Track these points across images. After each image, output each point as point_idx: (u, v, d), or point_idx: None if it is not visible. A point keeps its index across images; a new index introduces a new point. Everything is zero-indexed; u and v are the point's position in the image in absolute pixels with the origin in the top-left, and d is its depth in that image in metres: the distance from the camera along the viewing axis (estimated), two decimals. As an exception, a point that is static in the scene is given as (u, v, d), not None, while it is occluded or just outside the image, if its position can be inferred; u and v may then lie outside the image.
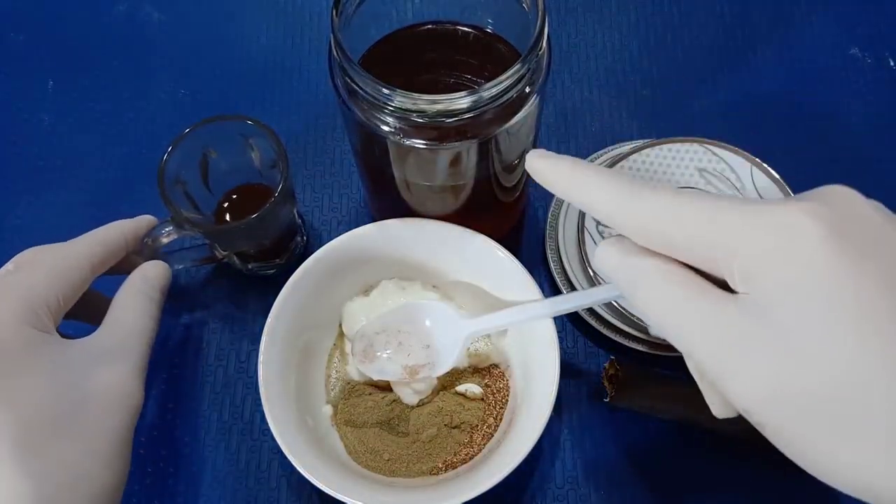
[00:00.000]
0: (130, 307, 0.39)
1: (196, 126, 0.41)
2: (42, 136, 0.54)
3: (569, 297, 0.39)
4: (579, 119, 0.54)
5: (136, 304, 0.39)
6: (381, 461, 0.41)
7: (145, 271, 0.41)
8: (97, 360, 0.35)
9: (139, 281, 0.40)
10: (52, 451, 0.32)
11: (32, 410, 0.32)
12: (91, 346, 0.36)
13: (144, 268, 0.41)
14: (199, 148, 0.43)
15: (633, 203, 0.26)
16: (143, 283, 0.40)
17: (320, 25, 0.58)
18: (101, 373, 0.35)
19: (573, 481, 0.43)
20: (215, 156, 0.44)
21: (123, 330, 0.38)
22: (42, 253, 0.38)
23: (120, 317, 0.38)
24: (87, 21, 0.58)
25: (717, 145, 0.47)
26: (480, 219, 0.42)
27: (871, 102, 0.54)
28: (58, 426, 0.32)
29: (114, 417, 0.35)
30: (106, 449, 0.34)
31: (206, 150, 0.43)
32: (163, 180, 0.41)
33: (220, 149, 0.43)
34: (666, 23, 0.57)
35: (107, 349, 0.36)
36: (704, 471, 0.44)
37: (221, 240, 0.45)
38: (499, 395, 0.43)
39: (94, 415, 0.34)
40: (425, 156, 0.35)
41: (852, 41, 0.56)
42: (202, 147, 0.43)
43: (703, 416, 0.43)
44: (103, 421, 0.34)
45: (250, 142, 0.43)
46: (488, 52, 0.39)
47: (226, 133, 0.43)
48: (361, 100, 0.33)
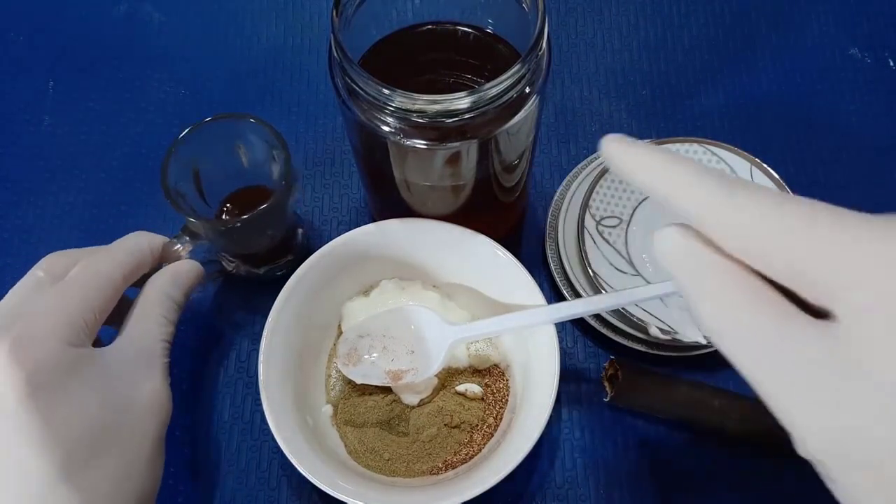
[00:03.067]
0: (154, 312, 0.38)
1: (183, 137, 0.40)
2: (43, 137, 0.54)
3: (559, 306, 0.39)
4: (579, 119, 0.54)
5: (161, 308, 0.38)
6: (381, 461, 0.41)
7: (175, 271, 0.40)
8: (131, 369, 0.36)
9: (167, 282, 0.39)
10: (97, 463, 0.32)
11: (77, 428, 0.32)
12: (122, 354, 0.36)
13: (174, 267, 0.40)
14: (188, 161, 0.41)
15: (729, 207, 0.22)
16: (171, 284, 0.39)
17: (320, 25, 0.58)
18: (136, 381, 0.35)
19: (572, 481, 0.43)
20: (204, 166, 0.43)
21: (150, 336, 0.37)
22: (69, 258, 0.37)
23: (145, 321, 0.37)
24: (88, 22, 0.58)
25: (717, 145, 0.47)
26: (480, 219, 0.42)
27: (871, 102, 0.54)
28: (101, 439, 0.33)
29: (150, 424, 0.35)
30: (146, 455, 0.35)
31: (193, 164, 0.42)
32: (169, 193, 0.40)
33: (205, 158, 0.42)
34: (665, 23, 0.57)
35: (137, 355, 0.36)
36: (704, 470, 0.44)
37: (234, 241, 0.43)
38: (499, 394, 0.43)
39: (133, 423, 0.34)
40: (425, 156, 0.35)
41: (852, 41, 0.56)
42: (190, 160, 0.42)
43: (702, 416, 0.43)
44: (141, 428, 0.35)
45: (235, 143, 0.43)
46: (488, 53, 0.39)
47: (209, 140, 0.41)
48: (362, 100, 0.33)
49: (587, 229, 0.45)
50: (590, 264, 0.44)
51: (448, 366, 0.43)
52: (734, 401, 0.43)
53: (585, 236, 0.45)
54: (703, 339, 0.42)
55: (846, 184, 0.51)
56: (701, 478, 0.43)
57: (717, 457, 0.44)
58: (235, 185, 0.45)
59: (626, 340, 0.45)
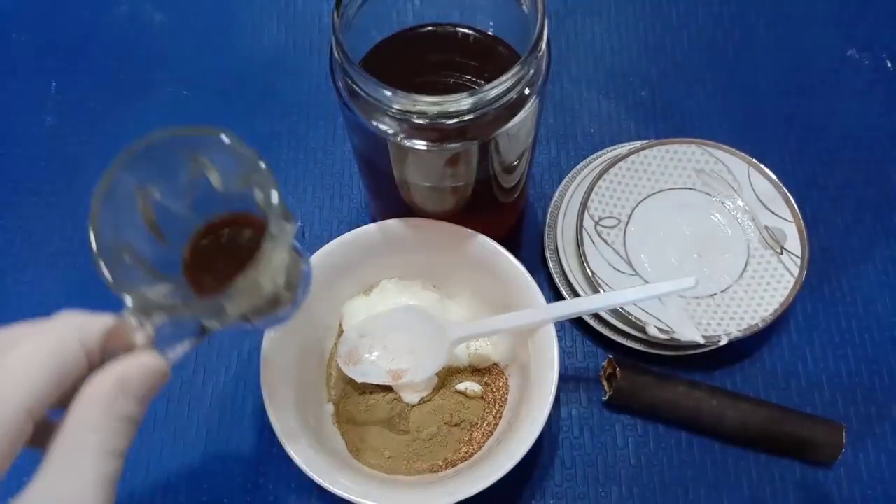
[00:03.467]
0: (89, 443, 0.24)
1: (116, 164, 0.27)
2: (45, 138, 0.54)
3: (558, 305, 0.40)
4: (578, 120, 0.54)
5: (100, 435, 0.24)
6: (382, 459, 0.41)
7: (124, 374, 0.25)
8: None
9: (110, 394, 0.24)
10: None
11: None
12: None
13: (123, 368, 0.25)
14: (130, 191, 0.28)
15: None
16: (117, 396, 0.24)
17: (321, 27, 0.58)
18: None
19: (571, 479, 0.44)
20: (158, 195, 0.29)
21: (83, 480, 0.23)
22: None
23: (74, 457, 0.24)
24: (90, 22, 0.58)
25: (715, 146, 0.48)
26: (480, 219, 0.42)
27: (869, 104, 0.54)
28: None
29: None
30: None
31: (142, 192, 0.28)
32: (98, 258, 0.26)
33: (160, 183, 0.29)
34: (664, 25, 0.57)
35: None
36: (702, 469, 0.44)
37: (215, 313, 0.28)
38: (498, 393, 0.43)
39: None
40: (425, 157, 0.35)
41: (849, 43, 0.56)
42: (136, 188, 0.28)
43: (700, 415, 0.43)
44: None
45: (201, 159, 0.29)
46: (488, 54, 0.39)
47: (161, 159, 0.28)
48: (362, 101, 0.33)
49: (586, 229, 0.46)
50: (588, 264, 0.45)
51: (448, 365, 0.43)
52: (732, 400, 0.43)
53: (584, 236, 0.45)
54: (700, 338, 0.42)
55: (843, 184, 0.51)
56: (698, 476, 0.44)
57: (715, 456, 0.44)
58: (206, 214, 0.31)
59: (625, 340, 0.45)
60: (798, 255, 0.45)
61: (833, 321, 0.48)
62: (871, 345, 0.47)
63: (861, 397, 0.46)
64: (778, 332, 0.47)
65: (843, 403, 0.45)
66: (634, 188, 0.47)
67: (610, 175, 0.47)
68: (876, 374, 0.46)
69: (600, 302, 0.39)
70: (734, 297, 0.45)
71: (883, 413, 0.45)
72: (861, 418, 0.45)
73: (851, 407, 0.45)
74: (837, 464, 0.43)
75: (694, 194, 0.48)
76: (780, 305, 0.43)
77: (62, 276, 0.49)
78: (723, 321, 0.44)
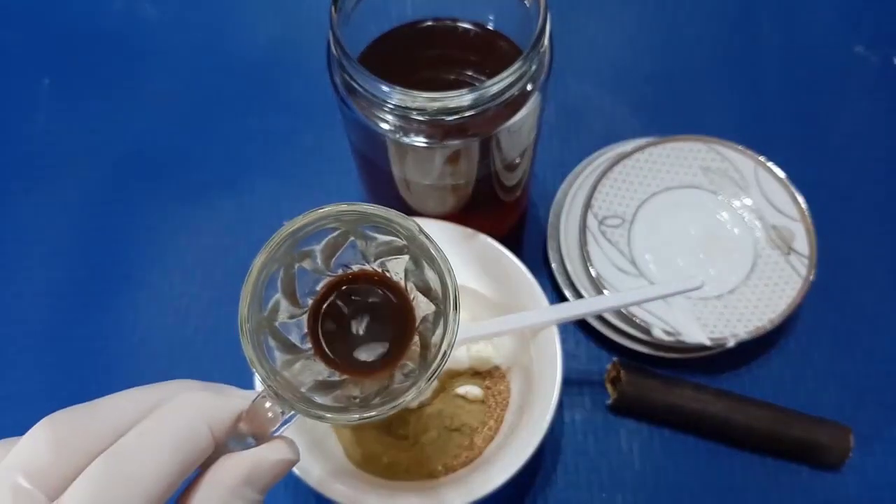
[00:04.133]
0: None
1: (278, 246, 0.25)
2: (37, 136, 0.53)
3: (561, 307, 0.39)
4: (581, 117, 0.53)
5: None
6: (380, 465, 0.40)
7: (256, 462, 0.25)
8: None
9: (239, 481, 0.24)
10: None
11: None
12: None
13: (255, 457, 0.25)
14: (284, 264, 0.26)
15: None
16: (245, 483, 0.24)
17: (319, 22, 0.57)
18: None
19: (575, 485, 0.43)
20: (307, 262, 0.27)
21: None
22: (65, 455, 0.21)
23: None
24: (84, 18, 0.58)
25: (721, 143, 0.47)
26: (481, 218, 0.42)
27: (876, 100, 0.54)
28: None
29: None
30: None
31: (296, 261, 0.26)
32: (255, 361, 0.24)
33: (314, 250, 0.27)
34: (669, 20, 0.57)
35: None
36: (708, 474, 0.43)
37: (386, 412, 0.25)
38: (499, 397, 0.42)
39: None
40: (425, 154, 0.35)
41: (857, 39, 0.56)
42: (291, 260, 0.26)
43: (705, 419, 0.43)
44: None
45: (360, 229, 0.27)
46: (489, 49, 0.38)
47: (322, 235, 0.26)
48: (360, 97, 0.33)
49: (589, 229, 0.45)
50: (592, 264, 0.44)
51: (448, 368, 0.42)
52: (739, 403, 0.43)
53: (588, 236, 0.45)
54: (707, 340, 0.42)
55: (852, 183, 0.51)
56: (705, 481, 0.43)
57: (722, 460, 0.43)
58: (333, 270, 0.28)
59: (629, 342, 0.45)
60: (806, 255, 0.44)
61: (841, 322, 0.47)
62: (880, 346, 0.46)
63: (869, 400, 0.45)
64: (785, 334, 0.47)
65: (852, 406, 0.45)
66: (639, 187, 0.47)
67: (614, 173, 0.46)
68: (885, 375, 0.46)
69: (604, 303, 0.39)
70: (741, 298, 0.44)
71: (891, 416, 0.45)
72: (869, 421, 0.44)
73: (860, 409, 0.45)
74: (845, 467, 0.43)
75: (700, 193, 0.47)
76: (787, 306, 0.43)
77: (54, 277, 0.49)
78: (729, 322, 0.43)
